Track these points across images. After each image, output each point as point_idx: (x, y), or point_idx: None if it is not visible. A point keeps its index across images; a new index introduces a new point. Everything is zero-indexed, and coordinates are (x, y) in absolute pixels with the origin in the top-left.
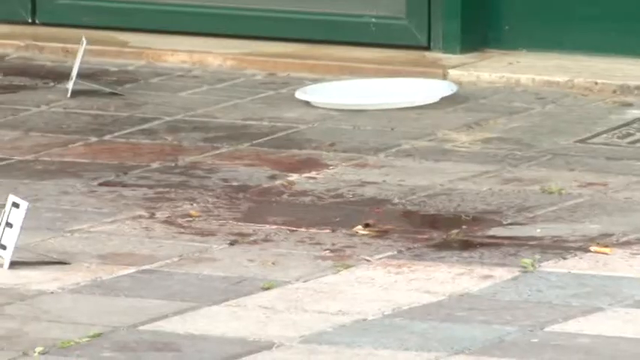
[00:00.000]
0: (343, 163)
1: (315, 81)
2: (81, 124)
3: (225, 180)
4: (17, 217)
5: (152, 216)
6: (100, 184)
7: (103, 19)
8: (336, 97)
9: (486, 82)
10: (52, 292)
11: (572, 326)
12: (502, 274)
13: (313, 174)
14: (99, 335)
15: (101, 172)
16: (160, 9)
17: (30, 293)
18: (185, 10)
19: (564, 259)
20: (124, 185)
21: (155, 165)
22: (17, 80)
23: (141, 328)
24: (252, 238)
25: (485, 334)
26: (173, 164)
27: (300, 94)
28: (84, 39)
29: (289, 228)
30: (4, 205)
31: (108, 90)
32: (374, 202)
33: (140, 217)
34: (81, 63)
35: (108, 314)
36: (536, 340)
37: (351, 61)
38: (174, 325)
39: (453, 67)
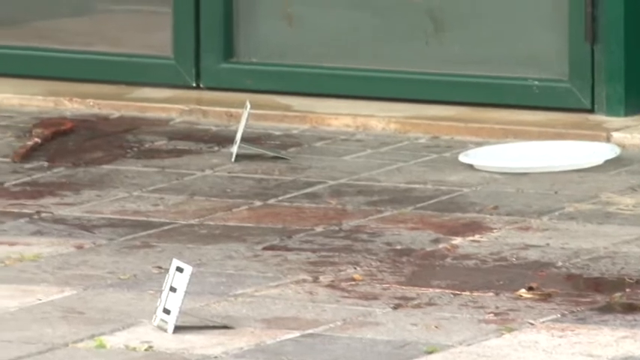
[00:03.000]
0: (507, 226)
1: (478, 144)
2: (245, 188)
3: (388, 243)
4: (181, 281)
5: (316, 280)
6: (264, 248)
7: (266, 83)
8: (500, 161)
9: None
10: (215, 357)
11: None
12: None
13: (477, 237)
14: None
15: (265, 236)
16: (323, 72)
17: (194, 358)
18: (348, 74)
19: None
20: (288, 249)
21: (319, 229)
22: (182, 144)
23: None
24: (415, 302)
25: None
26: (337, 228)
27: (463, 158)
28: (248, 103)
29: (452, 291)
30: (168, 270)
31: (272, 154)
32: (537, 266)
33: (304, 281)
34: (245, 127)
35: None
36: None
37: (514, 124)
38: None
39: (617, 129)
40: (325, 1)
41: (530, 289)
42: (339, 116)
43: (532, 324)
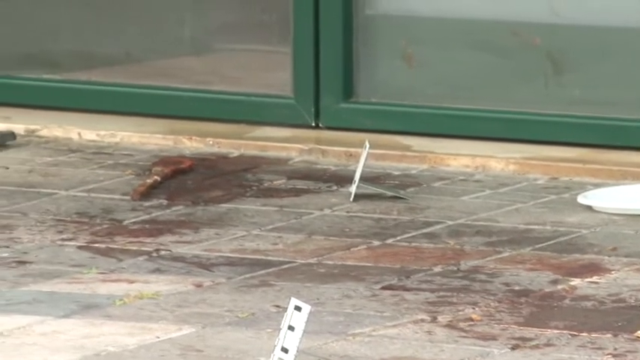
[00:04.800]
0: (625, 268)
1: (597, 185)
2: (363, 227)
3: (506, 284)
4: (299, 320)
5: (434, 320)
6: (382, 288)
7: (385, 123)
8: (618, 202)
9: None
10: None
11: None
12: None
13: (595, 278)
14: None
15: (383, 275)
16: (443, 113)
17: None
18: (467, 115)
19: None
20: (406, 289)
21: (437, 269)
22: (301, 184)
23: None
24: (533, 343)
25: None
26: (455, 268)
27: (582, 199)
28: (367, 143)
29: (571, 332)
30: (286, 308)
31: (390, 194)
32: None
33: (422, 320)
34: (364, 167)
35: None
36: None
37: (633, 166)
38: None
39: None
40: (445, 42)
41: None
42: (458, 157)
43: None
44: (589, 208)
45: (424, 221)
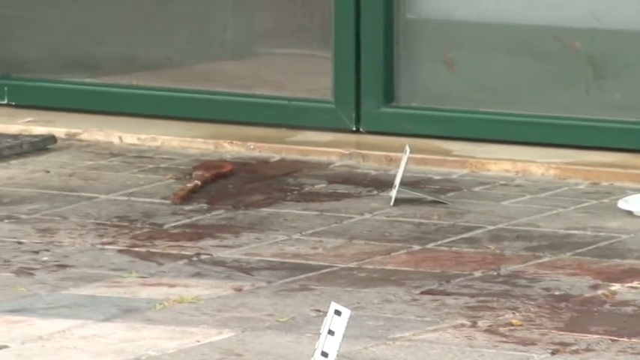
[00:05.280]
0: None
1: (637, 190)
2: (404, 232)
3: (547, 289)
4: (339, 324)
5: (474, 325)
6: (423, 293)
7: (426, 127)
8: None
9: None
10: None
11: None
12: None
13: (635, 284)
14: None
15: (423, 280)
16: (483, 117)
17: None
18: (508, 119)
19: None
20: (447, 294)
21: (477, 273)
22: (341, 188)
23: None
24: (573, 348)
25: None
26: (495, 273)
27: (622, 204)
28: (407, 147)
29: (611, 337)
30: (326, 313)
31: (431, 198)
32: None
33: (462, 325)
34: (404, 171)
35: None
36: None
37: None
38: None
39: None
40: (486, 47)
41: None
42: (499, 161)
43: None
44: (629, 213)
45: (464, 226)
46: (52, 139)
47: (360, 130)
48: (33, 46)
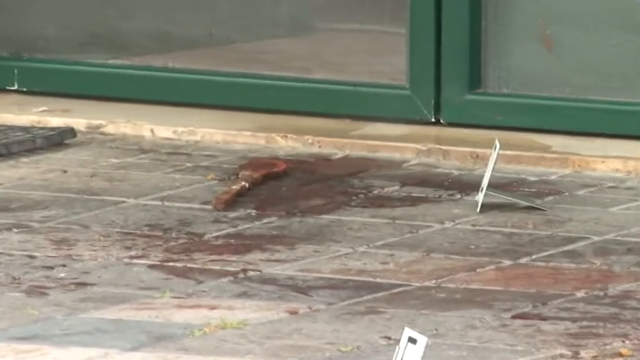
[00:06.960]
0: None
1: None
2: (492, 244)
3: None
4: (414, 354)
5: (575, 355)
6: (514, 317)
7: (519, 118)
8: None
9: None
10: None
11: None
12: None
13: None
14: None
15: (515, 301)
16: (588, 107)
17: None
18: (618, 109)
19: None
20: (543, 318)
21: (580, 294)
22: (417, 191)
23: None
24: None
25: None
26: (602, 293)
27: None
28: (497, 142)
29: None
30: (398, 341)
31: (525, 203)
32: None
33: (561, 355)
34: (493, 171)
35: None
36: None
37: None
38: None
39: None
40: (590, 23)
41: None
42: (607, 159)
43: None
44: None
45: (565, 237)
46: (71, 132)
47: (441, 121)
48: (48, 20)
